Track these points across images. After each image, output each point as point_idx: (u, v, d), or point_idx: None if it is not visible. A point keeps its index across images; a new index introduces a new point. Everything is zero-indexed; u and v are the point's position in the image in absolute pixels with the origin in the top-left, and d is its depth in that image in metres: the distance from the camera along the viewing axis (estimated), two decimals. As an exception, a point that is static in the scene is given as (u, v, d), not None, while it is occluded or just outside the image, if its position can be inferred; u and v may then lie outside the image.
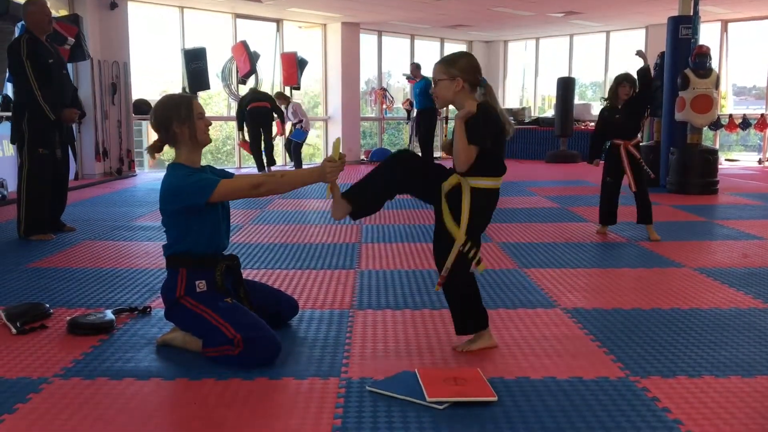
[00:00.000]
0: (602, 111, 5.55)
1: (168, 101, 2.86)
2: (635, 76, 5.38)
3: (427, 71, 10.41)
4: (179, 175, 2.78)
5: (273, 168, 10.88)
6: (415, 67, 11.82)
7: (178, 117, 2.77)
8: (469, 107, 2.66)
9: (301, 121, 11.40)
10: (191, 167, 2.83)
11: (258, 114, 10.60)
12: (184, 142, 2.81)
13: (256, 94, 10.90)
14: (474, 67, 2.74)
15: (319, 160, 12.61)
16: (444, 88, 2.73)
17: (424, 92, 10.81)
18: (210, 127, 2.90)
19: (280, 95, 11.49)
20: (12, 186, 8.69)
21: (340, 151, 2.73)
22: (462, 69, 2.70)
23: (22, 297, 3.61)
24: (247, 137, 10.86)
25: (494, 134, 2.68)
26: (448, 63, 2.74)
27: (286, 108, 11.31)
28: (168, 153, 2.97)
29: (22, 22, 7.11)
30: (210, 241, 2.82)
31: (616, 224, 5.65)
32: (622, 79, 5.27)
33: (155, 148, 2.87)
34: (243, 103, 10.71)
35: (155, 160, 11.87)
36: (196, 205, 2.74)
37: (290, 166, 11.82)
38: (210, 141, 2.92)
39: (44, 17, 5.12)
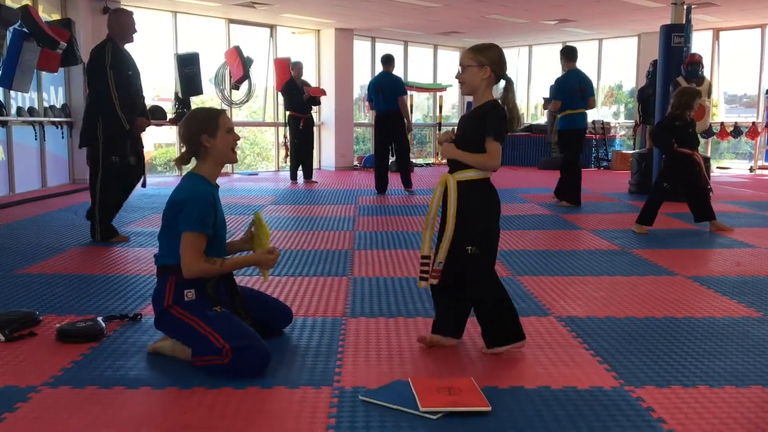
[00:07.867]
0: (673, 126, 5.79)
1: (198, 114, 2.87)
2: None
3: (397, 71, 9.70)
4: (198, 192, 2.75)
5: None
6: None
7: (208, 131, 2.78)
8: (482, 100, 2.80)
9: None
10: (210, 183, 2.84)
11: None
12: (212, 156, 2.82)
13: None
14: (502, 59, 2.82)
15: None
16: (472, 75, 2.79)
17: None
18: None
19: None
20: None
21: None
22: (491, 59, 2.78)
23: (10, 304, 3.57)
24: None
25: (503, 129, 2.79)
26: (478, 50, 2.81)
27: None
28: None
29: (14, 26, 7.08)
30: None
31: (607, 231, 5.69)
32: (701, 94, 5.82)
33: (183, 160, 2.88)
34: None
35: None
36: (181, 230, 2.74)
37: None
38: (236, 160, 2.97)
39: (131, 28, 5.23)
